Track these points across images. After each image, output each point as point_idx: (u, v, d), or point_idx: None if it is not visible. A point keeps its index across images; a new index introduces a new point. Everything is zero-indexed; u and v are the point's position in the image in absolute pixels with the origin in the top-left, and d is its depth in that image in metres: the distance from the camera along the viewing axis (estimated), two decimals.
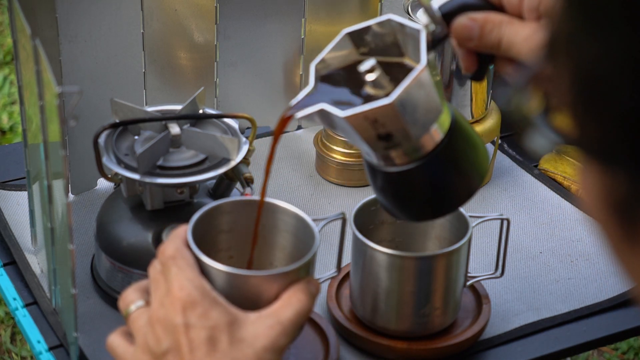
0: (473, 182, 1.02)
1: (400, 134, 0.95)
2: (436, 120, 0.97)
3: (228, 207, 1.10)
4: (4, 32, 3.09)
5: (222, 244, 1.11)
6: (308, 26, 1.48)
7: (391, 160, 0.98)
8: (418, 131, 0.96)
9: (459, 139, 1.00)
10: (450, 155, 0.99)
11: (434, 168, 0.99)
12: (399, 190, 1.01)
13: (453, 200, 1.03)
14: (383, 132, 0.95)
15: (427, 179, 1.00)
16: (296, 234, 1.10)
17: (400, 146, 0.96)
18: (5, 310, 2.23)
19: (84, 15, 1.32)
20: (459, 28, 0.98)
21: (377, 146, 0.97)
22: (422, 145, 0.97)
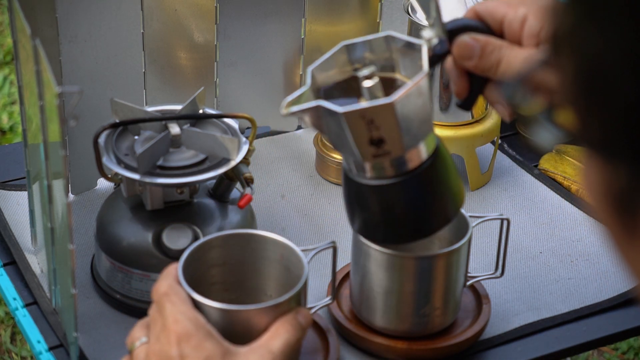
0: (450, 210, 1.04)
1: (391, 141, 0.95)
2: (426, 137, 0.98)
3: (218, 242, 1.12)
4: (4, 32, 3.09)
5: (215, 277, 1.13)
6: (308, 26, 1.48)
7: (375, 171, 0.98)
8: (409, 142, 0.96)
9: (442, 164, 1.01)
10: (433, 177, 1.00)
11: (415, 187, 0.99)
12: (375, 205, 1.01)
13: (428, 225, 1.03)
14: (376, 136, 0.95)
15: (407, 197, 1.00)
16: (286, 265, 1.12)
17: (388, 155, 0.97)
18: (5, 310, 2.23)
19: (84, 15, 1.32)
20: (461, 46, 1.00)
21: (366, 152, 0.97)
22: (409, 159, 0.98)
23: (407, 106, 0.94)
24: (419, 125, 0.96)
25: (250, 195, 1.22)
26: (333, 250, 1.13)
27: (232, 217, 1.23)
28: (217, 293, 1.09)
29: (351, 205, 1.04)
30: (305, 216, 1.39)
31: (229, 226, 1.22)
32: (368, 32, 1.52)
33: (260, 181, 1.44)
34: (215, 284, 1.13)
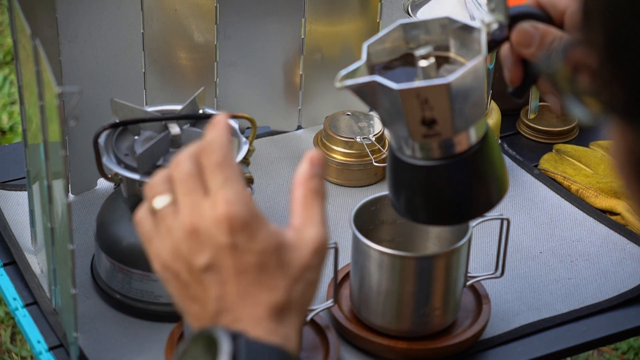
0: (494, 195, 1.02)
1: (443, 122, 0.95)
2: (477, 121, 0.98)
3: None
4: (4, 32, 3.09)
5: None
6: (308, 26, 1.48)
7: (423, 151, 0.98)
8: (460, 125, 0.96)
9: (489, 150, 1.00)
10: (479, 162, 0.99)
11: (461, 170, 0.99)
12: (420, 186, 1.01)
13: (472, 209, 1.03)
14: (429, 116, 0.94)
15: (452, 180, 0.99)
16: None
17: (438, 137, 0.96)
18: (5, 310, 2.23)
19: (84, 15, 1.32)
20: (521, 32, 0.99)
21: (417, 131, 0.96)
22: (457, 142, 0.97)
23: (462, 89, 0.94)
24: (471, 109, 0.96)
25: (250, 196, 1.22)
26: (334, 251, 1.13)
27: None
28: None
29: (395, 183, 1.03)
30: None
31: None
32: (368, 32, 1.52)
33: (260, 181, 1.44)
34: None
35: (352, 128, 1.46)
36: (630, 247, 1.35)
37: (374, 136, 1.44)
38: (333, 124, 1.46)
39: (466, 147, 0.98)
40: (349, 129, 1.45)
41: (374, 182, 1.46)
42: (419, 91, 0.93)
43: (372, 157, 1.43)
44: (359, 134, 1.45)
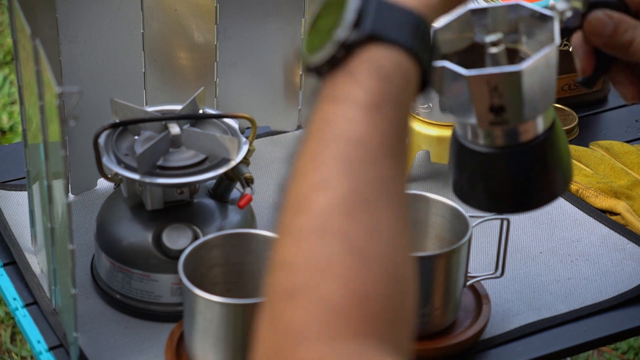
0: (558, 186, 1.02)
1: (512, 110, 0.94)
2: (545, 110, 0.97)
3: (219, 241, 1.13)
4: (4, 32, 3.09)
5: (217, 277, 1.14)
6: None
7: (489, 138, 0.97)
8: (529, 113, 0.95)
9: (556, 140, 0.99)
10: (545, 152, 0.99)
11: (525, 159, 0.98)
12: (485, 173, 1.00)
13: (535, 199, 1.02)
14: (497, 104, 0.94)
15: (515, 169, 0.99)
16: None
17: (506, 124, 0.95)
18: (5, 310, 2.23)
19: (84, 15, 1.32)
20: (594, 21, 0.98)
21: (484, 118, 0.95)
22: (524, 131, 0.96)
23: (534, 77, 0.93)
24: (541, 98, 0.95)
25: (250, 195, 1.22)
26: None
27: (232, 217, 1.23)
28: (219, 292, 1.09)
29: (458, 170, 1.02)
30: None
31: (229, 226, 1.22)
32: None
33: (260, 181, 1.44)
34: (217, 284, 1.14)
35: None
36: (630, 247, 1.35)
37: None
38: None
39: (532, 136, 0.97)
40: None
41: None
42: (490, 78, 0.92)
43: None
44: None
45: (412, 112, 1.43)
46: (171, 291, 1.20)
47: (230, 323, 1.05)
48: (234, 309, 1.05)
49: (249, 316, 1.05)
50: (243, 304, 1.05)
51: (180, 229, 1.19)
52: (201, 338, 1.08)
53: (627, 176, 1.46)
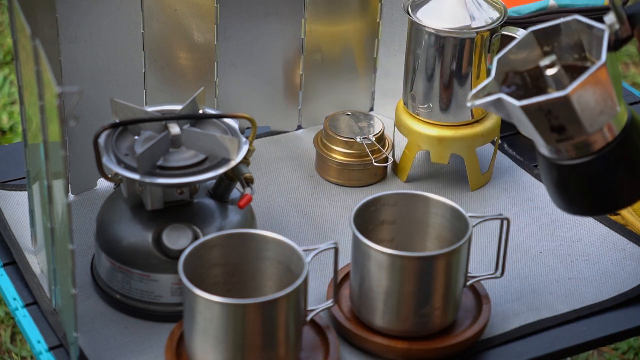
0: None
1: (572, 127, 1.00)
2: (611, 118, 1.01)
3: (219, 241, 1.13)
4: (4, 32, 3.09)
5: (217, 277, 1.14)
6: (308, 26, 1.48)
7: (562, 152, 1.03)
8: (591, 126, 1.00)
9: (633, 140, 1.04)
10: (622, 155, 1.03)
11: (603, 165, 1.03)
12: (566, 182, 1.06)
13: (620, 200, 1.07)
14: (556, 124, 1.00)
15: (595, 175, 1.04)
16: (287, 265, 1.12)
17: (572, 139, 1.01)
18: (5, 310, 2.23)
19: (84, 15, 1.32)
20: None
21: (549, 138, 1.02)
22: (594, 141, 1.02)
23: (585, 95, 0.98)
24: (601, 111, 1.00)
25: (250, 195, 1.22)
26: (335, 252, 1.13)
27: (232, 217, 1.23)
28: (219, 292, 1.09)
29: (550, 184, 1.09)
30: (305, 216, 1.39)
31: (229, 226, 1.22)
32: (368, 32, 1.52)
33: (260, 181, 1.44)
34: (217, 284, 1.14)
35: (352, 128, 1.46)
36: (630, 247, 1.35)
37: (374, 136, 1.44)
38: (333, 124, 1.46)
39: (603, 144, 1.02)
40: (349, 129, 1.45)
41: (374, 182, 1.46)
42: (541, 105, 0.99)
43: (372, 157, 1.43)
44: (359, 134, 1.45)
45: (412, 112, 1.43)
46: (171, 291, 1.20)
47: (230, 323, 1.05)
48: (234, 309, 1.05)
49: (249, 316, 1.05)
50: (243, 304, 1.05)
51: (180, 229, 1.19)
52: (201, 338, 1.09)
53: None
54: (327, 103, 1.55)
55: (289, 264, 1.12)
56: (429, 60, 1.39)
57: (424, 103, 1.41)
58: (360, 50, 1.53)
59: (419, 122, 1.43)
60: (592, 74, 0.98)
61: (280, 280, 1.14)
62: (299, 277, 1.08)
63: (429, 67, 1.39)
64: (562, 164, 1.05)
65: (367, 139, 1.44)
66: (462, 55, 1.38)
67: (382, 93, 1.57)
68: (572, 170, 1.05)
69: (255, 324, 1.05)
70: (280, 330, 1.08)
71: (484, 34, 1.37)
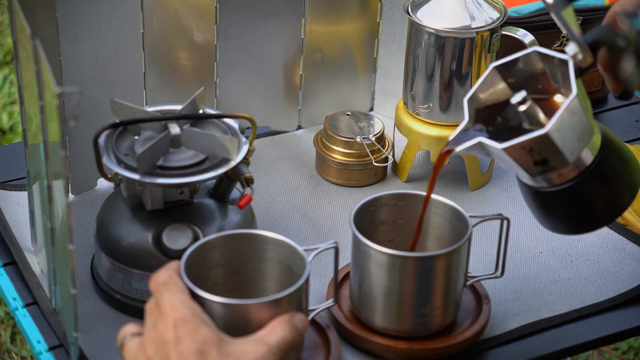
0: (625, 196, 1.11)
1: (555, 159, 1.04)
2: (588, 142, 1.06)
3: (220, 241, 1.13)
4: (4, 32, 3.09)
5: (218, 277, 1.14)
6: (308, 26, 1.48)
7: (546, 181, 1.07)
8: (572, 155, 1.04)
9: (610, 157, 1.08)
10: (602, 173, 1.08)
11: (586, 186, 1.07)
12: (553, 207, 1.10)
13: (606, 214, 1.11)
14: (539, 159, 1.04)
15: (580, 196, 1.08)
16: (289, 265, 1.12)
17: (555, 169, 1.05)
18: (5, 310, 2.23)
19: (84, 15, 1.32)
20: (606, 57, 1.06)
21: (533, 171, 1.06)
22: (576, 166, 1.06)
23: (562, 129, 1.02)
24: (579, 138, 1.05)
25: (250, 195, 1.22)
26: (335, 251, 1.13)
27: (232, 217, 1.23)
28: (220, 293, 1.09)
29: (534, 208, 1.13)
30: (305, 216, 1.39)
31: (229, 226, 1.22)
32: (368, 32, 1.52)
33: (260, 181, 1.44)
34: (218, 284, 1.14)
35: (352, 128, 1.46)
36: (630, 247, 1.35)
37: (374, 136, 1.44)
38: (333, 124, 1.46)
39: (584, 167, 1.06)
40: (349, 129, 1.45)
41: (374, 182, 1.46)
42: (522, 144, 1.02)
43: (372, 157, 1.43)
44: (359, 134, 1.45)
45: (412, 112, 1.43)
46: None
47: (231, 323, 1.05)
48: (235, 310, 1.05)
49: (250, 316, 1.05)
50: (244, 304, 1.05)
51: (180, 229, 1.19)
52: None
53: None
54: (327, 103, 1.55)
55: (290, 264, 1.12)
56: (429, 60, 1.39)
57: (424, 103, 1.41)
58: (360, 50, 1.53)
59: (419, 122, 1.43)
60: (567, 108, 1.02)
61: (281, 281, 1.14)
62: (301, 277, 1.08)
63: (429, 67, 1.39)
64: (546, 191, 1.09)
65: (367, 139, 1.44)
66: (462, 55, 1.38)
67: (382, 93, 1.57)
68: (558, 196, 1.08)
69: (257, 325, 1.05)
70: None
71: (484, 34, 1.37)
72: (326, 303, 1.17)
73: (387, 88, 1.55)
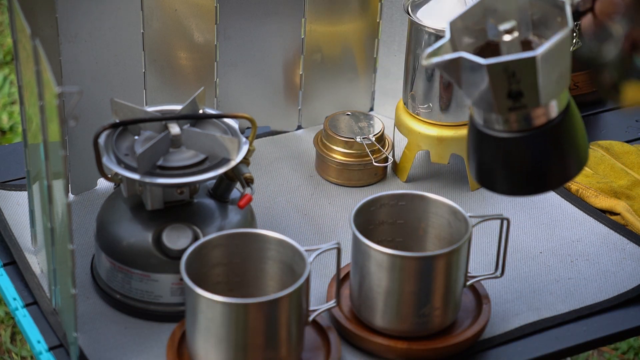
0: (573, 167, 1.04)
1: (529, 94, 0.97)
2: (560, 93, 0.99)
3: (222, 241, 1.13)
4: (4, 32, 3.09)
5: (219, 276, 1.14)
6: (308, 26, 1.48)
7: (507, 124, 1.00)
8: (545, 97, 0.98)
9: (570, 122, 1.02)
10: (560, 134, 1.01)
11: (542, 142, 1.01)
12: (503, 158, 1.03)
13: (552, 179, 1.04)
14: (515, 89, 0.97)
15: (533, 151, 1.01)
16: (290, 265, 1.12)
17: (523, 109, 0.98)
18: (5, 310, 2.23)
19: (84, 15, 1.32)
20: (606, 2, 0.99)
21: (502, 104, 0.98)
22: (541, 114, 0.99)
23: (549, 61, 0.96)
24: (557, 81, 0.98)
25: (250, 195, 1.22)
26: (337, 252, 1.13)
27: (232, 217, 1.23)
28: (221, 292, 1.10)
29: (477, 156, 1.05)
30: (305, 216, 1.39)
31: (229, 226, 1.22)
32: (368, 32, 1.52)
33: (260, 181, 1.44)
34: (219, 283, 1.14)
35: (352, 128, 1.46)
36: (630, 247, 1.35)
37: (374, 136, 1.44)
38: (333, 124, 1.46)
39: (548, 119, 1.00)
40: (349, 129, 1.45)
41: (374, 182, 1.46)
42: (507, 65, 0.95)
43: (372, 157, 1.43)
44: (359, 134, 1.45)
45: (412, 112, 1.43)
46: (171, 291, 1.20)
47: (232, 322, 1.05)
48: (236, 309, 1.05)
49: (251, 316, 1.05)
50: (245, 303, 1.05)
51: (180, 229, 1.19)
52: (203, 338, 1.09)
53: (627, 176, 1.46)
54: (327, 103, 1.55)
55: (291, 263, 1.12)
56: None
57: (424, 103, 1.41)
58: (360, 50, 1.53)
59: (419, 122, 1.43)
60: (560, 40, 0.96)
61: (282, 280, 1.14)
62: (301, 277, 1.08)
63: (429, 67, 1.39)
64: (500, 136, 1.01)
65: (367, 139, 1.44)
66: None
67: (382, 93, 1.57)
68: (509, 144, 1.01)
69: (257, 324, 1.06)
70: (282, 330, 1.08)
71: None
72: (328, 304, 1.17)
73: (387, 88, 1.55)
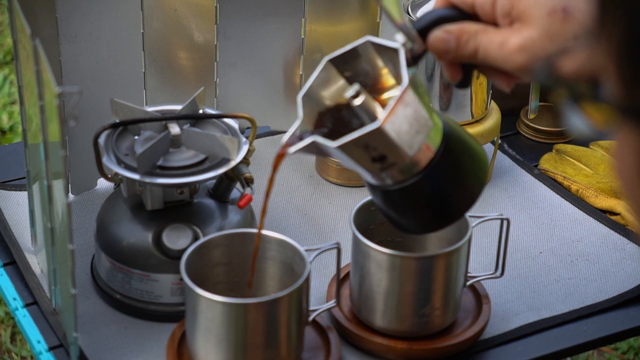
0: (474, 189, 1.03)
1: (393, 154, 0.97)
2: (427, 135, 0.99)
3: (222, 240, 1.13)
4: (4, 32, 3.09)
5: (220, 276, 1.14)
6: (308, 26, 1.48)
7: (389, 178, 1.00)
8: (410, 148, 0.97)
9: (453, 149, 1.01)
10: (446, 166, 1.00)
11: (431, 181, 1.00)
12: (400, 206, 1.03)
13: (455, 209, 1.04)
14: (376, 155, 0.96)
15: (426, 192, 1.01)
16: (290, 265, 1.12)
17: (395, 165, 0.98)
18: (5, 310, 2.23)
19: (84, 15, 1.32)
20: (435, 42, 0.97)
21: (373, 168, 0.98)
22: (418, 160, 0.98)
23: (397, 121, 0.95)
24: (416, 131, 0.97)
25: (250, 195, 1.22)
26: (337, 252, 1.13)
27: (232, 217, 1.23)
28: (221, 292, 1.10)
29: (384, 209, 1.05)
30: (305, 216, 1.39)
31: (229, 226, 1.22)
32: (368, 32, 1.51)
33: (260, 181, 1.44)
34: (219, 283, 1.14)
35: None
36: (630, 247, 1.35)
37: None
38: None
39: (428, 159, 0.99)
40: None
41: None
42: (356, 141, 0.95)
43: None
44: None
45: None
46: (171, 291, 1.20)
47: (232, 322, 1.05)
48: (236, 309, 1.05)
49: (251, 316, 1.05)
50: (245, 303, 1.05)
51: (180, 229, 1.19)
52: (203, 337, 1.09)
53: None
54: None
55: (291, 264, 1.12)
56: (429, 60, 1.39)
57: None
58: None
59: None
60: (400, 99, 0.95)
61: (282, 280, 1.14)
62: (301, 277, 1.08)
63: (429, 67, 1.39)
64: (393, 189, 1.01)
65: None
66: None
67: None
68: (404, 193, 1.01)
69: (257, 324, 1.06)
70: (282, 330, 1.08)
71: None
72: (328, 304, 1.17)
73: None
